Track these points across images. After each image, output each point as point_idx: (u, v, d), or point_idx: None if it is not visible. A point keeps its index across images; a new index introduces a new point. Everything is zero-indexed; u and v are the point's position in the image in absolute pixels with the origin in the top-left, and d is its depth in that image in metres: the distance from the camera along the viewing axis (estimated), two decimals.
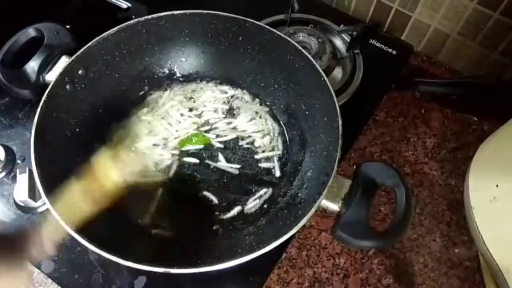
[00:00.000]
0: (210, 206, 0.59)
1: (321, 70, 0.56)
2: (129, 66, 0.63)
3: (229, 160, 0.62)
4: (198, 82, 0.69)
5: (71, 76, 0.57)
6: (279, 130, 0.65)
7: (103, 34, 0.58)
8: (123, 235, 0.54)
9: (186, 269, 0.44)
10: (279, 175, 0.61)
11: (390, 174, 0.49)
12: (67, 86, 0.56)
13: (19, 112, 0.67)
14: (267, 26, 0.60)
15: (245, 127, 0.65)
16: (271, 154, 0.63)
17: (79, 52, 0.57)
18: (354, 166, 0.52)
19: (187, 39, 0.65)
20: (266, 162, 0.62)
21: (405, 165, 0.68)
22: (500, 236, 0.50)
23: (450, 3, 0.70)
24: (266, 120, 0.66)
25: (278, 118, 0.66)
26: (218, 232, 0.57)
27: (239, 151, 0.63)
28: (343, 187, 0.49)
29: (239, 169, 0.62)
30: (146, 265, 0.43)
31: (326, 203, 0.48)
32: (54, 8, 0.76)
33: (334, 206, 0.48)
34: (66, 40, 0.63)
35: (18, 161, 0.62)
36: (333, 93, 0.54)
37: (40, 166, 0.48)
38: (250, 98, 0.67)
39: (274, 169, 0.62)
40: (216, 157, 0.63)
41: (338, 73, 0.72)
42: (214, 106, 0.67)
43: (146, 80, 0.67)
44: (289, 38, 0.59)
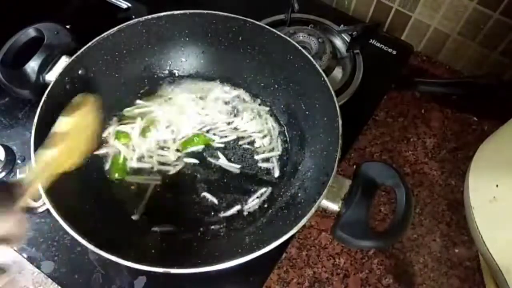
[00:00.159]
0: (209, 206, 0.59)
1: (321, 70, 0.56)
2: (129, 66, 0.63)
3: (229, 159, 0.62)
4: (198, 82, 0.69)
5: (71, 76, 0.57)
6: (279, 130, 0.65)
7: (103, 34, 0.58)
8: (123, 235, 0.54)
9: (186, 269, 0.44)
10: (279, 175, 0.61)
11: (390, 174, 0.50)
12: (67, 86, 0.56)
13: (19, 112, 0.67)
14: (267, 26, 0.60)
15: (245, 127, 0.65)
16: (271, 154, 0.63)
17: (79, 52, 0.57)
18: (354, 166, 0.52)
19: (187, 39, 0.65)
20: (265, 162, 0.62)
21: (405, 165, 0.68)
22: (500, 236, 0.50)
23: (450, 3, 0.70)
24: (266, 120, 0.66)
25: (278, 118, 0.66)
26: (218, 232, 0.57)
27: (239, 151, 0.63)
28: (343, 187, 0.49)
29: (239, 168, 0.62)
30: (146, 265, 0.43)
31: (326, 203, 0.48)
32: (54, 8, 0.76)
33: (334, 206, 0.48)
34: (66, 40, 0.63)
35: (18, 161, 0.62)
36: (333, 93, 0.54)
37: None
38: (250, 98, 0.67)
39: (274, 169, 0.62)
40: (216, 156, 0.62)
41: (338, 73, 0.72)
42: (216, 106, 0.67)
43: (146, 80, 0.67)
44: (289, 38, 0.59)
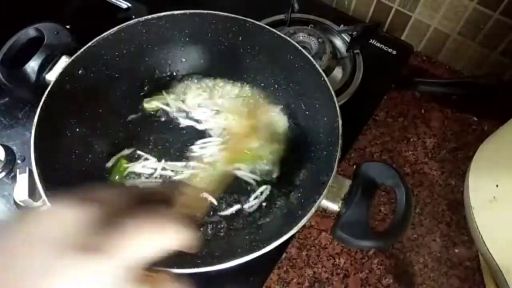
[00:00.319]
0: (209, 206, 0.59)
1: (321, 70, 0.56)
2: (129, 66, 0.63)
3: None
4: (197, 82, 0.69)
5: (71, 76, 0.56)
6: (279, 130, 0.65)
7: (103, 34, 0.58)
8: None
9: (186, 269, 0.44)
10: (278, 175, 0.61)
11: (390, 174, 0.50)
12: (67, 86, 0.56)
13: (19, 112, 0.67)
14: (267, 26, 0.60)
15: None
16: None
17: (79, 52, 0.57)
18: (354, 166, 0.52)
19: (187, 39, 0.65)
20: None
21: (405, 165, 0.68)
22: (500, 236, 0.50)
23: (450, 3, 0.70)
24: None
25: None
26: (218, 232, 0.57)
27: None
28: (343, 187, 0.49)
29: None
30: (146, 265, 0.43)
31: (326, 203, 0.48)
32: (54, 8, 0.76)
33: (334, 206, 0.48)
34: (66, 40, 0.63)
35: (18, 161, 0.62)
36: (333, 93, 0.54)
37: (40, 166, 0.48)
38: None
39: (273, 169, 0.62)
40: None
41: (338, 73, 0.72)
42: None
43: (146, 80, 0.67)
44: (289, 38, 0.59)
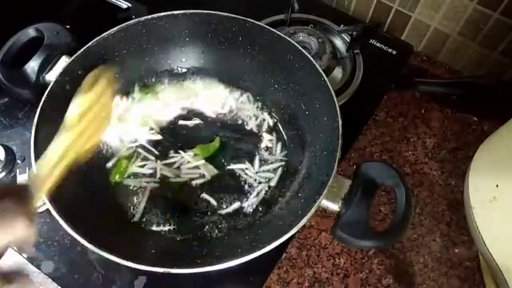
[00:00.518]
0: (209, 206, 0.59)
1: (321, 70, 0.56)
2: (129, 66, 0.63)
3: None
4: (198, 82, 0.69)
5: (71, 76, 0.56)
6: (279, 130, 0.65)
7: (103, 34, 0.58)
8: (123, 235, 0.54)
9: (186, 269, 0.44)
10: (278, 175, 0.61)
11: (390, 174, 0.50)
12: (67, 86, 0.56)
13: (19, 112, 0.67)
14: (267, 26, 0.60)
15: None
16: (270, 155, 0.63)
17: (79, 52, 0.57)
18: (354, 166, 0.52)
19: (187, 39, 0.65)
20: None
21: (405, 165, 0.68)
22: (500, 236, 0.50)
23: (450, 3, 0.70)
24: (266, 120, 0.66)
25: (278, 118, 0.66)
26: (218, 232, 0.57)
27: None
28: (343, 187, 0.49)
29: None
30: (146, 265, 0.43)
31: (326, 203, 0.48)
32: (54, 8, 0.76)
33: (334, 206, 0.48)
34: (66, 40, 0.63)
35: (18, 161, 0.62)
36: (333, 93, 0.54)
37: None
38: (250, 98, 0.67)
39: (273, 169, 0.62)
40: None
41: (338, 73, 0.72)
42: (214, 105, 0.67)
43: (146, 80, 0.67)
44: (289, 38, 0.59)
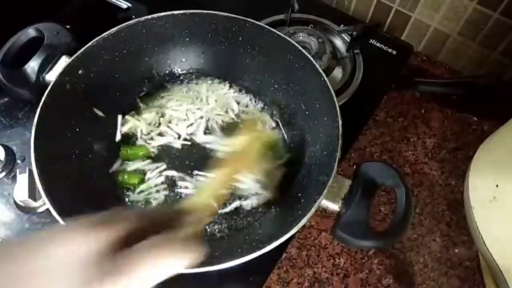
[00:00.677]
0: (214, 210, 0.58)
1: (321, 70, 0.56)
2: (129, 66, 0.63)
3: None
4: (198, 82, 0.69)
5: (71, 76, 0.56)
6: (279, 130, 0.65)
7: (103, 34, 0.58)
8: None
9: (186, 269, 0.43)
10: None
11: (390, 174, 0.50)
12: (67, 86, 0.56)
13: (19, 112, 0.67)
14: (267, 26, 0.60)
15: None
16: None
17: (79, 52, 0.57)
18: (354, 166, 0.52)
19: (187, 39, 0.65)
20: None
21: (405, 165, 0.68)
22: (500, 236, 0.50)
23: (450, 3, 0.70)
24: (266, 120, 0.66)
25: (278, 118, 0.66)
26: (218, 232, 0.57)
27: None
28: (343, 187, 0.49)
29: None
30: None
31: (326, 203, 0.48)
32: (54, 8, 0.76)
33: (334, 206, 0.48)
34: (66, 40, 0.62)
35: (18, 161, 0.62)
36: (333, 93, 0.54)
37: (40, 166, 0.48)
38: (253, 101, 0.67)
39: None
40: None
41: (338, 73, 0.72)
42: (213, 105, 0.67)
43: (146, 80, 0.67)
44: (289, 38, 0.59)
